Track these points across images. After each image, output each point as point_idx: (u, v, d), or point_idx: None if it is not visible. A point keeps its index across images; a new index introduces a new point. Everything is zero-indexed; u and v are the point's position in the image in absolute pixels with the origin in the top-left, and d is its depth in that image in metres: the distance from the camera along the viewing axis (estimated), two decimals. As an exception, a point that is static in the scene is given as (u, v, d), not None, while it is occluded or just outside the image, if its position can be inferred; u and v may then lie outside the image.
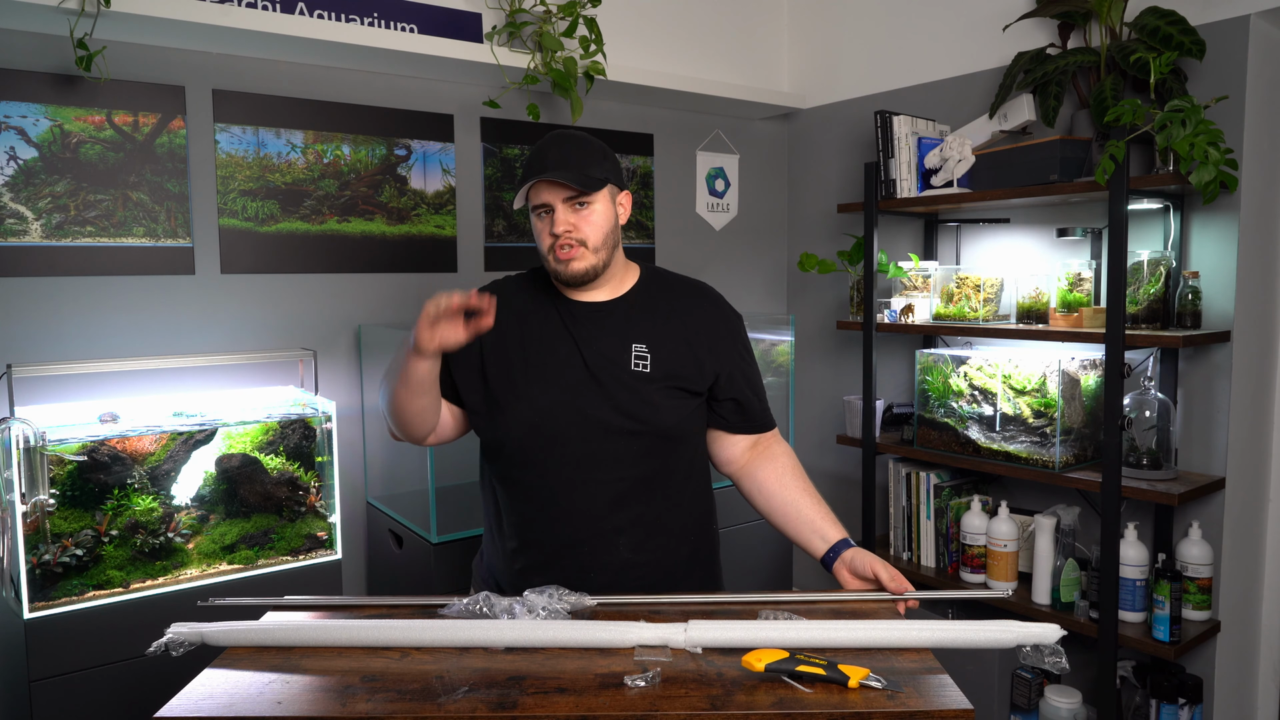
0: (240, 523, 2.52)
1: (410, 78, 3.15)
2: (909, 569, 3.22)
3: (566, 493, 1.79)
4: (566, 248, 1.76)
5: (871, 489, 3.38)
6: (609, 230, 1.80)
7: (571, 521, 1.79)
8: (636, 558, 1.81)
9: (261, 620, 1.55)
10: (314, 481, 2.63)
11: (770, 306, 4.19)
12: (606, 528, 1.79)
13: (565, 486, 1.78)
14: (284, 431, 2.60)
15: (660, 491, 1.83)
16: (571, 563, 1.79)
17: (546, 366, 1.78)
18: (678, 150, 3.88)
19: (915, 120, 3.24)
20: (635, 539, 1.81)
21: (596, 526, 1.79)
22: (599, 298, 1.85)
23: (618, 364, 1.80)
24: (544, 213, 1.78)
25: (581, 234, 1.76)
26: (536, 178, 1.74)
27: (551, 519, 1.80)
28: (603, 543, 1.79)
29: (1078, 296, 2.85)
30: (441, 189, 3.22)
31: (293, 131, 2.92)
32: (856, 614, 1.61)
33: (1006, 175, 2.90)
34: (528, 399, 1.78)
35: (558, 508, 1.79)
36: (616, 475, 1.79)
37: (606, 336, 1.82)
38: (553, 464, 1.78)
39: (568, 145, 1.78)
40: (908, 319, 3.26)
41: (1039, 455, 2.85)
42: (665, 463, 1.83)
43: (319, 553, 2.61)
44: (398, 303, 3.13)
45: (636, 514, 1.80)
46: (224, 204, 2.81)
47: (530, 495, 1.81)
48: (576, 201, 1.76)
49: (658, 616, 1.57)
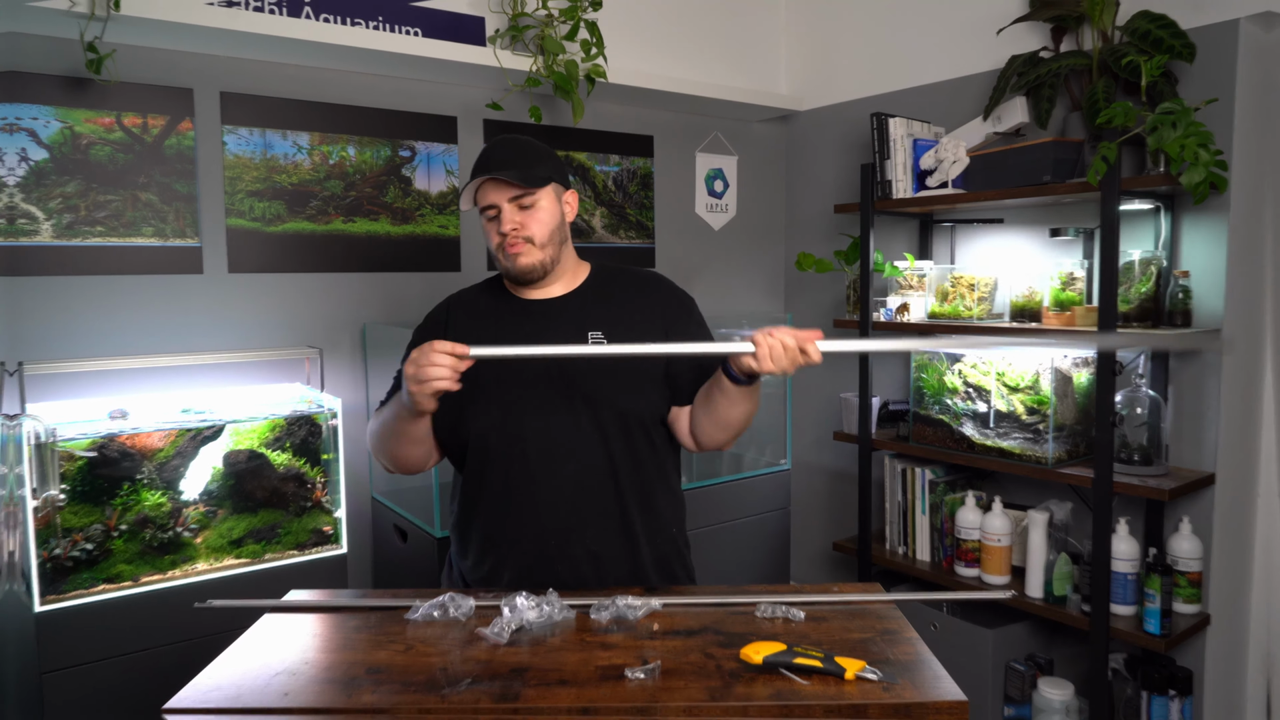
0: (247, 518, 2.52)
1: (414, 80, 3.15)
2: (905, 563, 3.22)
3: (531, 487, 1.79)
4: (514, 244, 1.79)
5: (868, 485, 3.38)
6: (555, 227, 1.84)
7: (537, 516, 1.79)
8: (603, 552, 1.81)
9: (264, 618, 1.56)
10: (319, 477, 2.63)
11: (768, 305, 4.19)
12: (572, 521, 1.79)
13: (529, 481, 1.79)
14: (290, 428, 2.60)
15: (626, 482, 1.82)
16: (537, 558, 1.79)
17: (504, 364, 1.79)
18: (677, 151, 3.88)
19: (910, 122, 3.24)
20: (601, 531, 1.81)
21: (562, 520, 1.79)
22: (553, 293, 1.88)
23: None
24: (492, 213, 1.81)
25: (528, 231, 1.80)
26: (480, 176, 1.78)
27: (517, 514, 1.80)
28: (568, 536, 1.79)
29: (1070, 295, 2.85)
30: (445, 189, 3.22)
31: (299, 133, 2.91)
32: (856, 613, 1.61)
33: (1000, 176, 2.90)
34: (486, 398, 1.79)
35: (522, 502, 1.79)
36: (581, 465, 1.79)
37: (563, 328, 1.84)
38: (516, 459, 1.79)
39: (510, 148, 1.83)
40: (903, 318, 3.26)
41: (1032, 451, 2.85)
42: (629, 452, 1.83)
43: (325, 547, 2.61)
44: (402, 302, 3.13)
45: (602, 506, 1.80)
46: (231, 204, 2.81)
47: (495, 492, 1.81)
48: (521, 202, 1.79)
49: (659, 619, 1.57)
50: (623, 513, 1.82)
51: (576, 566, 1.79)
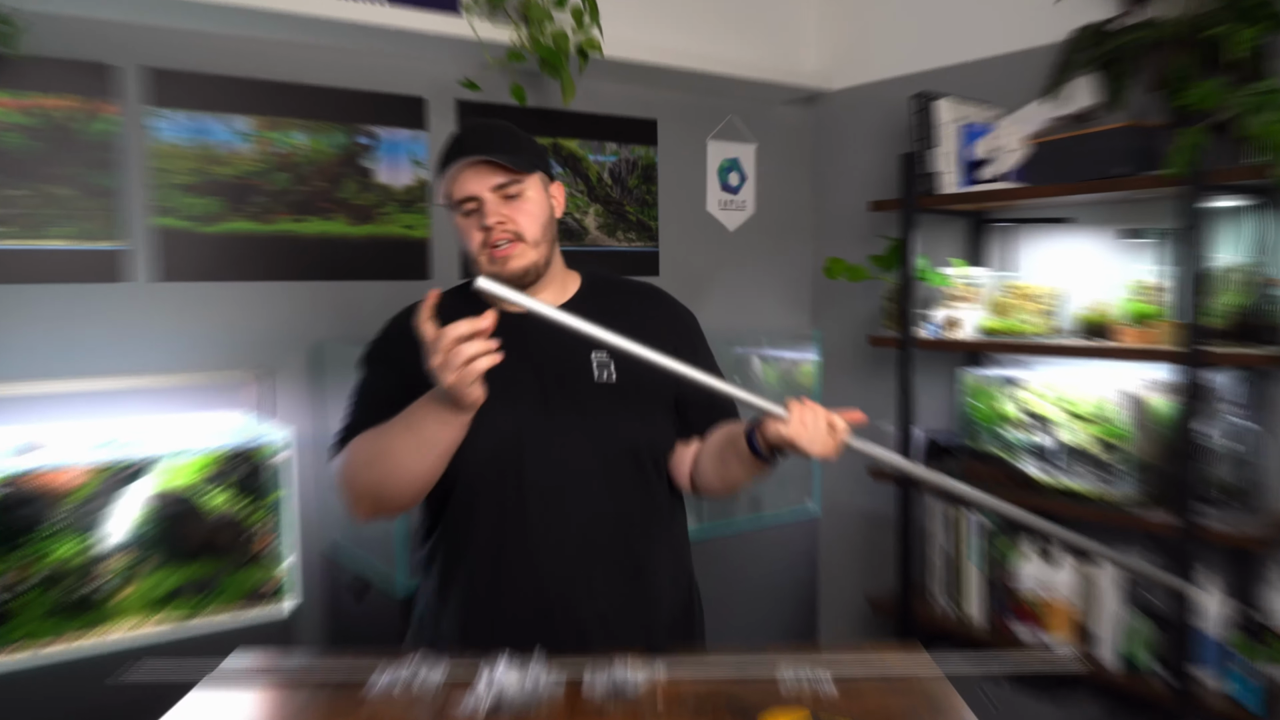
0: (179, 570, 2.51)
1: (375, 55, 3.15)
2: (952, 623, 3.20)
3: (526, 537, 1.77)
4: (503, 243, 1.77)
5: (909, 531, 3.37)
6: (546, 221, 1.83)
7: (534, 570, 1.77)
8: (612, 612, 1.80)
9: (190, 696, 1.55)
10: (265, 522, 2.62)
11: (792, 320, 4.19)
12: (577, 575, 1.78)
13: (526, 530, 1.77)
14: (230, 464, 2.59)
15: (639, 528, 1.81)
16: (534, 620, 1.78)
17: (493, 389, 1.75)
18: (686, 139, 3.89)
19: (960, 104, 3.24)
20: (611, 589, 1.79)
21: (565, 574, 1.77)
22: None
23: (578, 377, 1.81)
24: (471, 206, 1.79)
25: (517, 225, 1.78)
26: (458, 160, 1.76)
27: (511, 567, 1.78)
28: (571, 594, 1.78)
29: (1148, 308, 2.84)
30: (412, 183, 3.22)
31: (240, 117, 2.92)
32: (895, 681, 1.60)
33: (1066, 168, 2.90)
34: (475, 425, 1.71)
35: (518, 552, 1.78)
36: (587, 511, 1.78)
37: (558, 347, 1.82)
38: (510, 499, 1.77)
39: (487, 131, 1.81)
40: (952, 334, 3.26)
41: (1103, 492, 2.84)
42: (644, 492, 1.82)
43: (269, 604, 2.60)
44: (361, 315, 3.13)
45: (614, 557, 1.79)
46: (161, 201, 2.81)
47: (484, 539, 1.79)
48: (507, 191, 1.77)
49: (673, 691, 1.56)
50: (637, 565, 1.81)
51: (582, 630, 1.78)
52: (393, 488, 1.75)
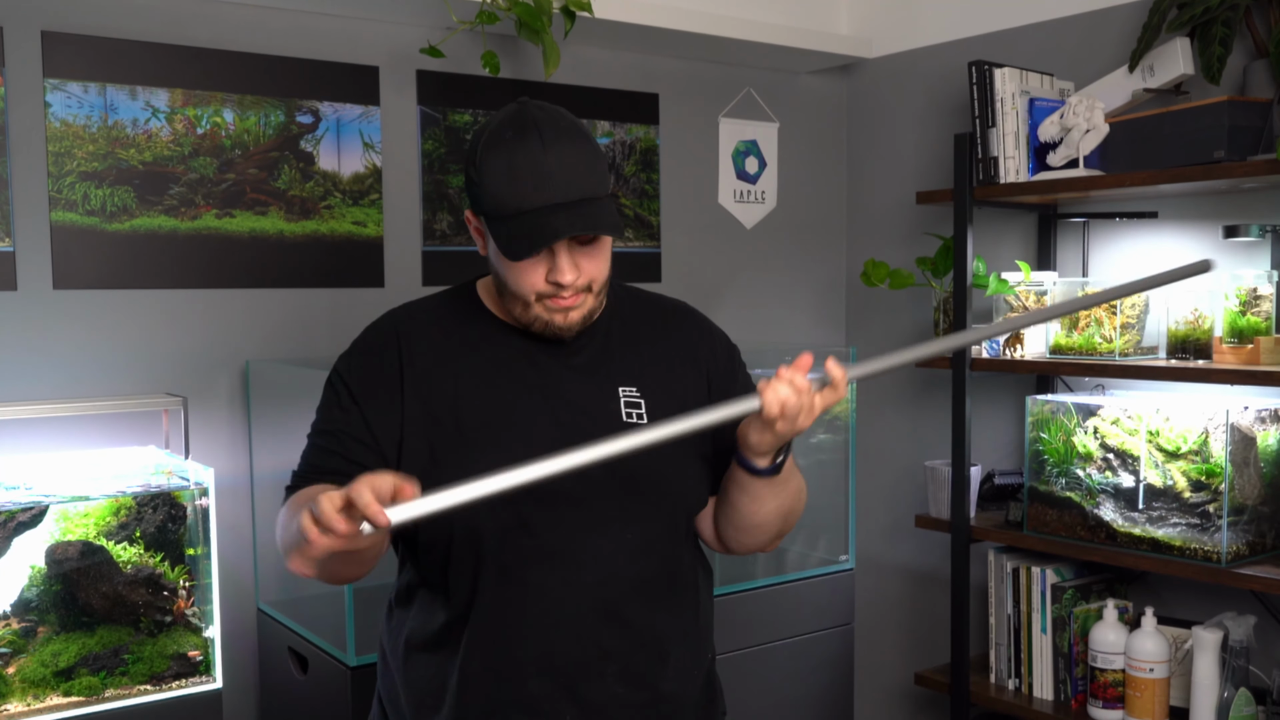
0: (81, 638, 2.51)
1: (319, 15, 3.16)
2: (1018, 703, 3.21)
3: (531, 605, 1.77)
4: (573, 300, 1.73)
5: (964, 590, 3.37)
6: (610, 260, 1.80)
7: (541, 644, 1.77)
8: (630, 694, 1.80)
9: None
10: (184, 580, 2.63)
11: (823, 335, 4.20)
12: (591, 652, 1.78)
13: (532, 596, 1.77)
14: (142, 511, 2.60)
15: (665, 597, 1.82)
16: (538, 702, 1.78)
17: (499, 431, 1.76)
18: (693, 117, 3.90)
19: (1026, 74, 3.26)
20: (630, 666, 1.80)
21: (577, 650, 1.78)
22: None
23: (602, 417, 1.79)
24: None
25: (590, 276, 1.73)
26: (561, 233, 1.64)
27: (515, 642, 1.78)
28: (584, 673, 1.78)
29: (1253, 321, 2.85)
30: (362, 170, 3.24)
31: (155, 90, 2.93)
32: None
33: (1153, 152, 2.92)
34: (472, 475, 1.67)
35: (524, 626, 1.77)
36: (606, 576, 1.78)
37: (580, 381, 1.82)
38: (515, 565, 1.77)
39: (564, 150, 1.68)
40: (1015, 353, 3.27)
41: (1199, 543, 2.85)
42: (672, 554, 1.83)
43: (191, 680, 2.60)
44: (301, 329, 3.14)
45: (636, 631, 1.80)
46: (58, 191, 2.82)
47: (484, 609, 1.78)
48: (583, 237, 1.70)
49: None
50: (660, 641, 1.81)
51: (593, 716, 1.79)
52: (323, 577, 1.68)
